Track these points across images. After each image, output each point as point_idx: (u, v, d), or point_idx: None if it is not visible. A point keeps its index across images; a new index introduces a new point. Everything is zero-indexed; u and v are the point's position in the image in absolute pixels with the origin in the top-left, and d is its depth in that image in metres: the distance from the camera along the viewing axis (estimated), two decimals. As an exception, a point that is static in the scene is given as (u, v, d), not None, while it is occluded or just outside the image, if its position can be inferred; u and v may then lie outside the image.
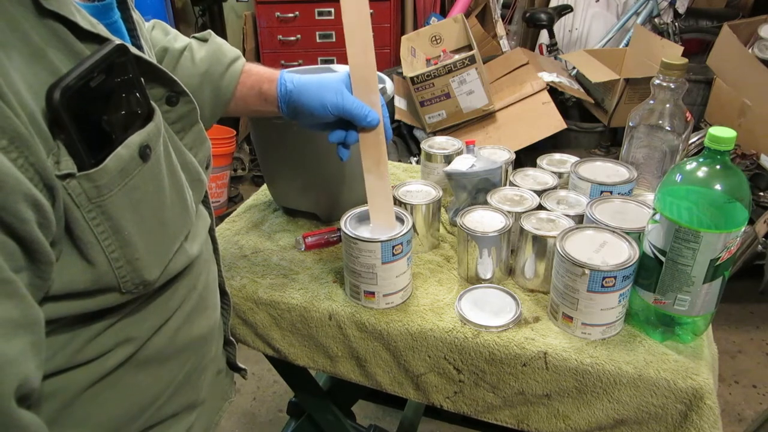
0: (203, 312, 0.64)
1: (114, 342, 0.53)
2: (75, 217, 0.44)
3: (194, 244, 0.58)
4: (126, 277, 0.49)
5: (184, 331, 0.60)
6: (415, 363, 0.83)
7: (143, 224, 0.49)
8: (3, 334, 0.38)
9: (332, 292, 0.89)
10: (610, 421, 0.75)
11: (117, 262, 0.48)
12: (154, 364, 0.58)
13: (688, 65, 1.00)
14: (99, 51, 0.45)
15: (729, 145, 0.66)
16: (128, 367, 0.55)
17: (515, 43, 2.99)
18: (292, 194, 1.06)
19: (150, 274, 0.51)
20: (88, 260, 0.46)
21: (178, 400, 0.62)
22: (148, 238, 0.50)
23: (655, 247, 0.72)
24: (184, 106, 0.58)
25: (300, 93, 0.76)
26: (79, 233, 0.45)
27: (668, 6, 2.74)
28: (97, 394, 0.53)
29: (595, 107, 2.48)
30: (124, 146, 0.47)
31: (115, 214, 0.46)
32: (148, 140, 0.49)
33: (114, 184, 0.46)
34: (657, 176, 1.07)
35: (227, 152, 2.64)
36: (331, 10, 2.86)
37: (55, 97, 0.41)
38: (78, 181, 0.43)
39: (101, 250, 0.46)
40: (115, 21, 0.55)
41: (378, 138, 0.77)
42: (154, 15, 2.70)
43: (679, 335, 0.76)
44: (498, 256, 0.86)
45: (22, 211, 0.38)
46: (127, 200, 0.47)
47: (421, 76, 2.14)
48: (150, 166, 0.49)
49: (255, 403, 1.80)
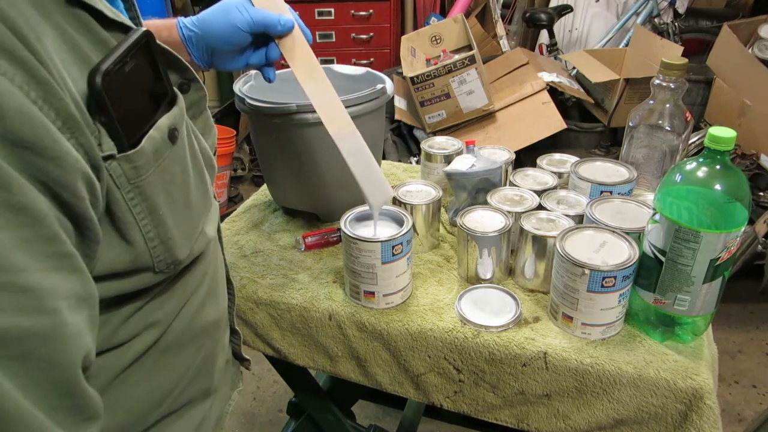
0: (215, 298, 0.65)
1: (142, 326, 0.54)
2: (116, 197, 0.45)
3: (210, 226, 0.60)
4: (160, 257, 0.50)
5: (200, 316, 0.62)
6: (415, 363, 0.83)
7: (174, 205, 0.51)
8: (70, 306, 0.39)
9: (332, 292, 0.89)
10: (610, 421, 0.75)
11: (152, 242, 0.49)
12: (175, 349, 0.59)
13: (688, 65, 1.00)
14: (129, 37, 0.47)
15: (729, 145, 0.66)
16: (153, 352, 0.56)
17: (515, 43, 2.99)
18: (292, 194, 1.06)
19: (181, 254, 0.53)
20: (127, 240, 0.47)
21: (195, 386, 0.64)
22: (178, 218, 0.52)
23: (655, 247, 0.72)
24: (195, 93, 0.59)
25: (205, 26, 0.74)
26: (119, 214, 0.46)
27: (668, 6, 2.74)
28: (126, 379, 0.54)
29: (595, 107, 2.48)
30: (156, 129, 0.48)
31: (151, 195, 0.48)
32: (175, 123, 0.51)
33: (149, 165, 0.47)
34: (657, 176, 1.07)
35: (227, 152, 2.64)
36: (331, 10, 2.86)
37: (97, 81, 0.42)
38: (118, 162, 0.45)
39: (139, 230, 0.48)
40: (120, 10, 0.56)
41: (300, 42, 0.74)
42: (155, 14, 2.69)
43: (679, 335, 0.76)
44: (498, 256, 0.86)
45: (79, 188, 0.40)
46: (160, 181, 0.49)
47: (421, 76, 2.14)
48: (177, 148, 0.51)
49: (255, 403, 1.80)
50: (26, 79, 0.36)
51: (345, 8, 2.86)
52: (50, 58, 0.39)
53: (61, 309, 0.38)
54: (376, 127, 1.02)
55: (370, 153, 0.77)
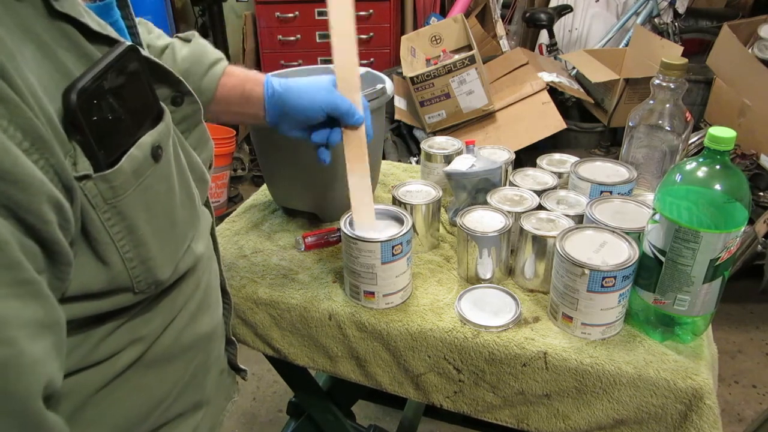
0: (207, 310, 0.64)
1: (125, 341, 0.53)
2: (91, 218, 0.44)
3: (199, 243, 0.59)
4: (140, 277, 0.49)
5: (190, 330, 0.61)
6: (415, 363, 0.83)
7: (156, 224, 0.50)
8: (29, 334, 0.38)
9: (332, 292, 0.89)
10: (609, 421, 0.75)
11: (131, 263, 0.48)
12: (162, 363, 0.58)
13: (688, 65, 1.00)
14: (112, 52, 0.46)
15: (729, 145, 0.66)
16: (138, 367, 0.55)
17: (515, 43, 2.99)
18: (292, 194, 1.06)
19: (162, 274, 0.51)
20: (104, 261, 0.46)
21: (185, 399, 0.63)
22: (160, 238, 0.50)
23: (655, 247, 0.72)
24: (189, 107, 0.58)
25: (288, 93, 0.76)
26: (95, 234, 0.45)
27: (668, 6, 2.74)
28: (109, 395, 0.54)
29: (595, 107, 2.48)
30: (137, 147, 0.47)
31: (130, 215, 0.47)
32: (159, 140, 0.49)
33: (128, 184, 0.46)
34: (657, 176, 1.07)
35: (227, 152, 2.64)
36: (331, 10, 2.86)
37: (72, 98, 0.41)
38: (94, 182, 0.43)
39: (116, 250, 0.46)
40: (116, 20, 0.55)
41: (361, 137, 0.78)
42: (154, 15, 2.70)
43: (679, 335, 0.76)
44: (498, 256, 0.86)
45: (45, 212, 0.38)
46: (141, 201, 0.47)
47: (421, 76, 2.14)
48: (161, 166, 0.50)
49: (255, 403, 1.80)
50: None
51: (345, 8, 2.86)
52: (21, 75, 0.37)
53: (19, 338, 0.37)
54: (376, 127, 1.02)
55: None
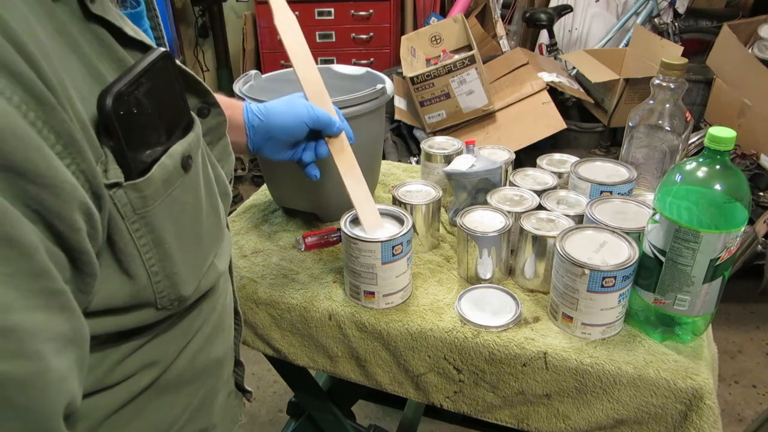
0: (221, 334, 0.62)
1: (141, 365, 0.51)
2: (119, 228, 0.42)
3: (222, 259, 0.57)
4: (163, 292, 0.47)
5: (204, 354, 0.58)
6: (415, 363, 0.83)
7: (182, 237, 0.48)
8: (55, 349, 0.36)
9: (332, 292, 0.89)
10: (610, 421, 0.75)
11: (156, 276, 0.46)
12: (174, 388, 0.56)
13: (688, 65, 1.00)
14: (146, 58, 0.44)
15: (729, 145, 0.66)
16: (150, 392, 0.53)
17: (515, 43, 2.99)
18: (292, 194, 1.06)
19: (186, 290, 0.49)
20: (129, 274, 0.44)
21: (193, 426, 0.60)
22: (185, 251, 0.48)
23: (655, 247, 0.72)
24: (214, 118, 0.57)
25: (271, 116, 0.78)
26: (121, 245, 0.43)
27: (668, 6, 2.74)
28: (120, 420, 0.51)
29: (595, 107, 2.48)
30: (168, 156, 0.45)
31: (158, 226, 0.45)
32: (189, 150, 0.48)
33: (158, 194, 0.44)
34: (657, 176, 1.07)
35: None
36: (331, 10, 2.86)
37: (107, 102, 0.39)
38: (125, 190, 0.42)
39: (142, 263, 0.44)
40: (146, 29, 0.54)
41: (344, 143, 0.82)
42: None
43: (679, 335, 0.76)
44: (498, 256, 0.86)
45: (76, 220, 0.37)
46: (169, 212, 0.46)
47: (421, 76, 2.14)
48: (190, 176, 0.48)
49: (255, 403, 1.80)
50: (25, 98, 0.34)
51: (345, 8, 2.86)
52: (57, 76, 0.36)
53: (45, 353, 0.35)
54: (376, 127, 1.02)
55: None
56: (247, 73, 1.05)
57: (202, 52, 3.48)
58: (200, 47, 3.46)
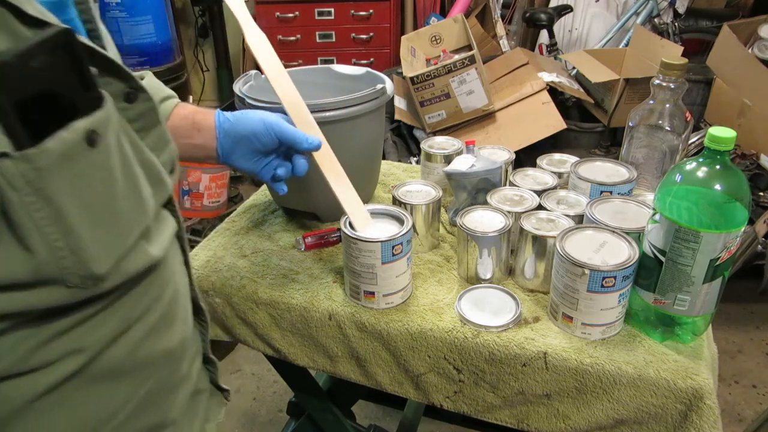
0: (170, 326, 0.61)
1: (63, 350, 0.50)
2: (10, 200, 0.42)
3: (155, 245, 0.56)
4: (70, 269, 0.46)
5: (148, 345, 0.57)
6: (415, 363, 0.83)
7: (91, 213, 0.47)
8: None
9: (332, 292, 0.89)
10: (610, 421, 0.75)
11: (60, 251, 0.45)
12: (110, 378, 0.54)
13: (688, 65, 1.00)
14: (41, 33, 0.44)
15: (729, 145, 0.66)
16: (79, 381, 0.52)
17: (515, 43, 2.99)
18: (291, 194, 1.06)
19: (98, 267, 0.48)
20: (27, 248, 0.44)
21: (143, 419, 0.59)
22: (95, 227, 0.47)
23: (655, 247, 0.72)
24: (143, 104, 0.56)
25: (239, 120, 0.80)
26: (15, 218, 0.43)
27: (668, 6, 2.74)
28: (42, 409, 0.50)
29: (595, 107, 2.48)
30: (69, 130, 0.44)
31: (58, 200, 0.44)
32: (95, 126, 0.47)
33: (55, 167, 0.43)
34: (657, 176, 1.07)
35: (227, 152, 2.64)
36: (331, 10, 2.86)
37: None
38: (13, 161, 0.41)
39: (40, 237, 0.44)
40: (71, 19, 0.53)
41: (328, 153, 0.85)
42: (154, 15, 2.70)
43: (679, 335, 0.76)
44: (498, 256, 0.86)
45: None
46: (72, 186, 0.45)
47: (421, 76, 2.14)
48: (98, 152, 0.47)
49: (255, 403, 1.80)
50: None
51: (345, 8, 2.86)
52: None
53: None
54: (376, 127, 1.02)
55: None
56: (247, 73, 1.05)
57: (202, 52, 3.48)
58: (200, 47, 3.47)
